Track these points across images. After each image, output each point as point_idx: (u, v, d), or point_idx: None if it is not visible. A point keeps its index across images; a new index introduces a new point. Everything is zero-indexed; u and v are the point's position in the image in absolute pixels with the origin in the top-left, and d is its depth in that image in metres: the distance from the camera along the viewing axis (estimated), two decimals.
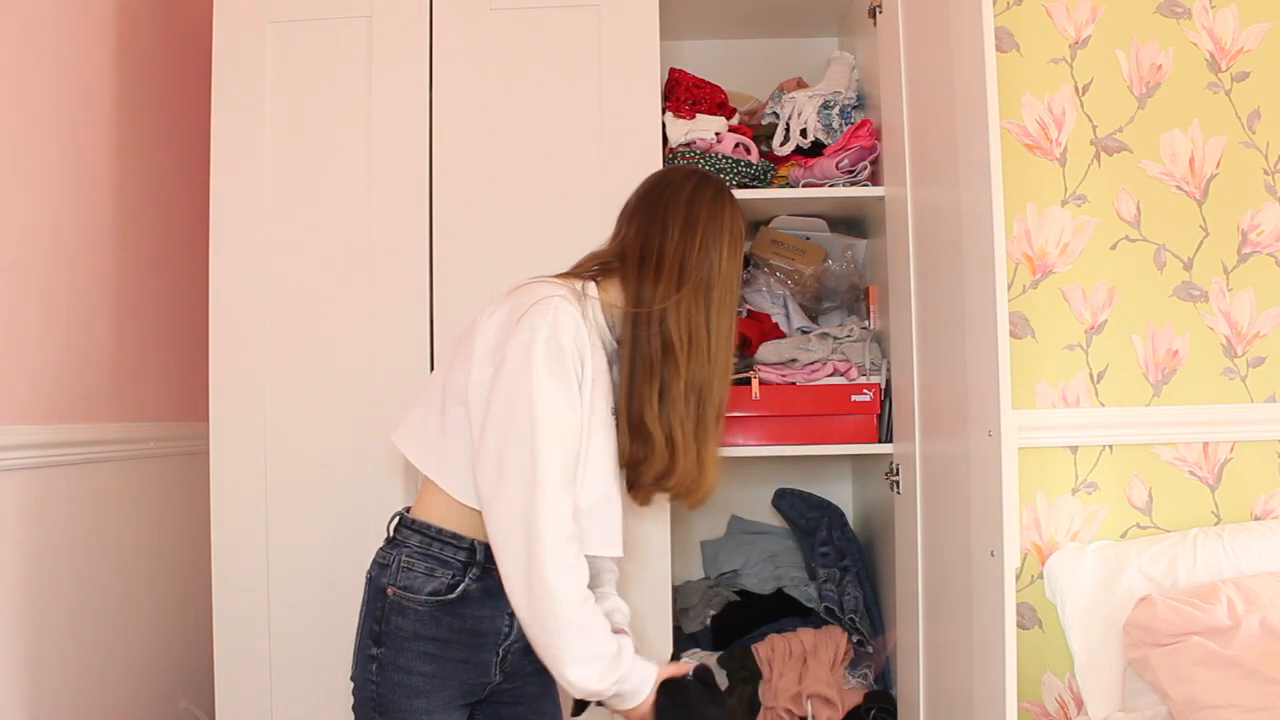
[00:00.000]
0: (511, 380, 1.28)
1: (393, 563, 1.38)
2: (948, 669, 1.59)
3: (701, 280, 1.39)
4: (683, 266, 1.39)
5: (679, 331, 1.37)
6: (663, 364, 1.37)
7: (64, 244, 1.82)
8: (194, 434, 2.10)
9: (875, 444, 1.95)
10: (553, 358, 1.29)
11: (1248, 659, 1.77)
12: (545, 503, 1.26)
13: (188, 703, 2.13)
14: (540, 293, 1.33)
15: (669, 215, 1.42)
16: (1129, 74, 2.18)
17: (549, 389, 1.28)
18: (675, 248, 1.40)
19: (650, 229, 1.42)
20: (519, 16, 1.87)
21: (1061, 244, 2.17)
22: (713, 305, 1.39)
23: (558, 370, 1.29)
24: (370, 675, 1.36)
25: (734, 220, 1.45)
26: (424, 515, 1.39)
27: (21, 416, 1.67)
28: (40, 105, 1.75)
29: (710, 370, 1.39)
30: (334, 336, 1.84)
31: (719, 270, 1.41)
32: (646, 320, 1.38)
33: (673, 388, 1.37)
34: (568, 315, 1.31)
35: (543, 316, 1.30)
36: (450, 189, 1.85)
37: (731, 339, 1.44)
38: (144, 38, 2.08)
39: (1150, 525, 2.15)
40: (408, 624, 1.35)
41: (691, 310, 1.38)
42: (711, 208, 1.43)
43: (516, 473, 1.27)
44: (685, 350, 1.37)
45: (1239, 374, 2.16)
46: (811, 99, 2.04)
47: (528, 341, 1.29)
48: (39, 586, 1.72)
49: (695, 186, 1.45)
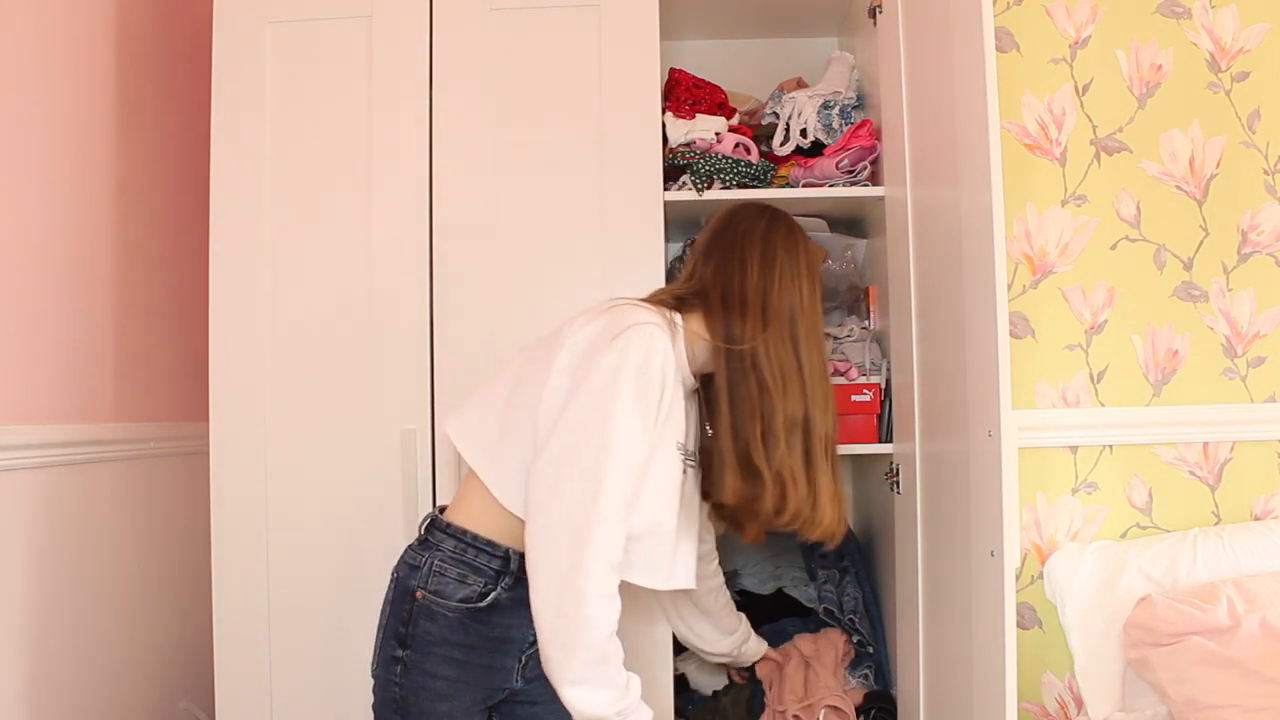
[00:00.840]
0: (593, 398, 1.28)
1: (424, 565, 1.36)
2: (948, 669, 1.59)
3: (785, 316, 1.41)
4: (765, 304, 1.41)
5: (770, 370, 1.38)
6: (760, 402, 1.38)
7: (64, 244, 1.82)
8: (194, 434, 2.10)
9: (875, 444, 1.94)
10: (640, 386, 1.29)
11: (1248, 659, 1.77)
12: (601, 528, 1.24)
13: (188, 703, 2.13)
14: (637, 317, 1.33)
15: (747, 253, 1.44)
16: (1129, 74, 2.18)
17: (629, 416, 1.28)
18: (756, 285, 1.41)
19: (729, 267, 1.44)
20: (519, 16, 1.87)
21: (1061, 244, 2.17)
22: (800, 340, 1.41)
23: (642, 400, 1.29)
24: (394, 676, 1.36)
25: (809, 255, 1.47)
26: (460, 519, 1.38)
27: (21, 416, 1.67)
28: (40, 105, 1.75)
29: (808, 403, 1.40)
30: (334, 336, 1.84)
31: (801, 305, 1.42)
32: (739, 359, 1.39)
33: (774, 425, 1.38)
34: (662, 345, 1.31)
35: (639, 341, 1.30)
36: (450, 189, 1.85)
37: (825, 371, 1.45)
38: (144, 38, 2.08)
39: (1150, 525, 2.15)
40: (436, 629, 1.34)
41: (779, 347, 1.39)
42: (787, 243, 1.46)
43: (576, 490, 1.26)
44: (780, 387, 1.38)
45: (1239, 374, 2.16)
46: (811, 99, 2.04)
47: (618, 364, 1.28)
48: (39, 586, 1.72)
49: (769, 223, 1.47)
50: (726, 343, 1.40)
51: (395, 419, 1.82)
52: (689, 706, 1.96)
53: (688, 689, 2.03)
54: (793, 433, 1.40)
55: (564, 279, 1.84)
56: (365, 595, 1.67)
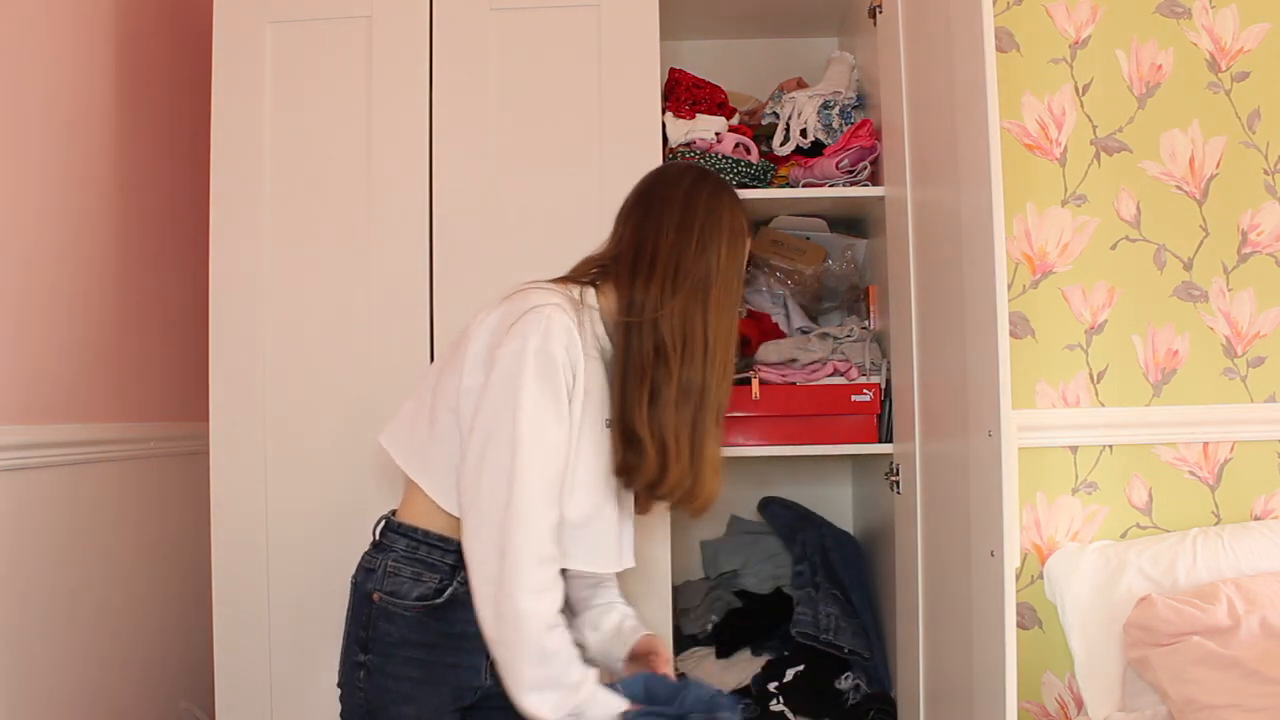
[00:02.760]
0: (499, 390, 1.25)
1: (378, 568, 1.35)
2: (948, 669, 1.59)
3: (699, 280, 1.34)
4: (678, 267, 1.34)
5: (672, 334, 1.32)
6: (654, 367, 1.32)
7: (64, 243, 1.82)
8: (194, 434, 2.09)
9: (875, 444, 1.95)
10: (543, 369, 1.25)
11: (1248, 659, 1.77)
12: (521, 521, 1.22)
13: (188, 703, 2.13)
14: (534, 300, 1.30)
15: (664, 214, 1.38)
16: (1129, 74, 2.18)
17: (536, 402, 1.25)
18: (671, 247, 1.35)
19: (645, 229, 1.38)
20: (519, 16, 1.87)
21: (1061, 244, 2.17)
22: (710, 306, 1.35)
23: (547, 383, 1.26)
24: (358, 683, 1.34)
25: (734, 217, 1.40)
26: (410, 518, 1.37)
27: (21, 416, 1.68)
28: (40, 105, 1.75)
29: (707, 372, 1.34)
30: (334, 336, 1.84)
31: (717, 269, 1.36)
32: (639, 326, 1.33)
33: (664, 391, 1.32)
34: (560, 325, 1.27)
35: (535, 325, 1.26)
36: (450, 189, 1.85)
37: (732, 339, 1.39)
38: (144, 38, 2.08)
39: (1150, 525, 2.15)
40: (395, 630, 1.32)
41: (687, 311, 1.33)
42: (710, 204, 1.39)
43: (494, 487, 1.24)
44: (678, 352, 1.32)
45: (1239, 374, 2.16)
46: (811, 99, 2.04)
47: (519, 351, 1.25)
48: (39, 586, 1.72)
49: (692, 182, 1.41)
50: (628, 313, 1.34)
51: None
52: None
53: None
54: (684, 401, 1.33)
55: None
56: None
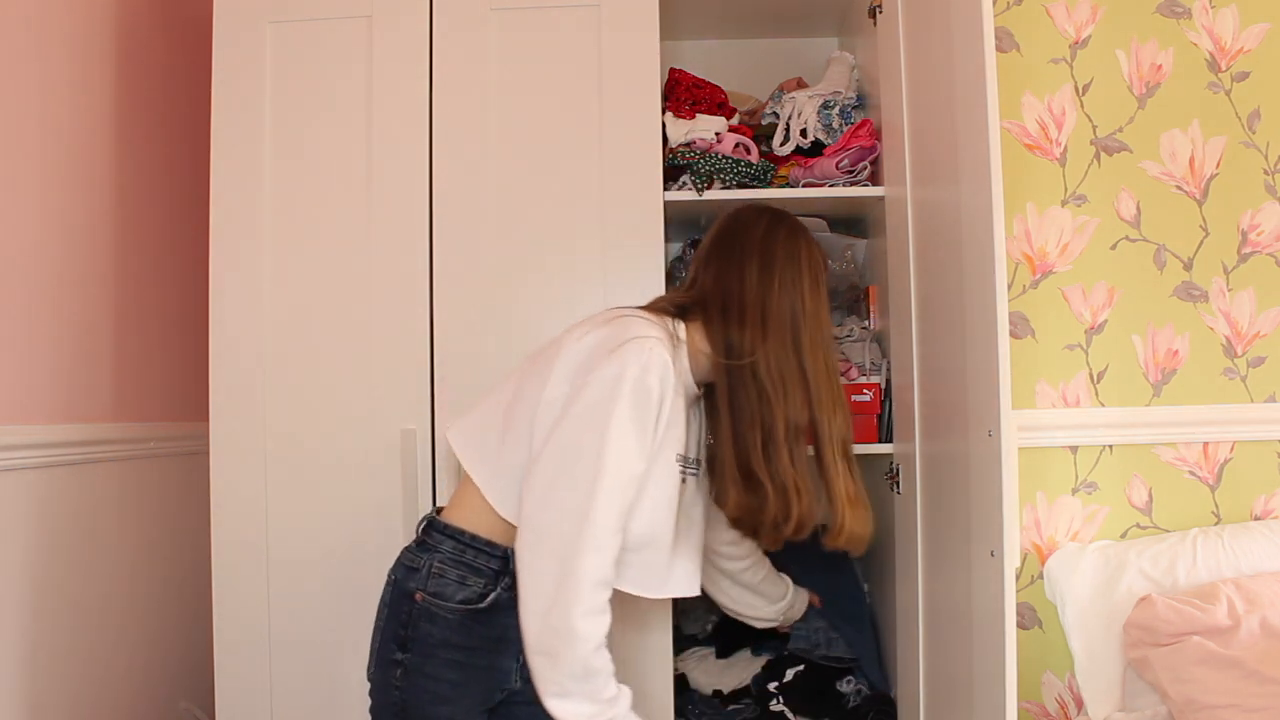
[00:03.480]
0: (590, 410, 1.27)
1: (423, 567, 1.36)
2: (948, 669, 1.59)
3: (787, 321, 1.38)
4: (764, 311, 1.38)
5: (770, 376, 1.36)
6: (760, 411, 1.36)
7: (64, 244, 1.82)
8: (194, 434, 2.10)
9: (875, 444, 1.94)
10: (638, 400, 1.28)
11: (1248, 659, 1.77)
12: (591, 545, 1.24)
13: (188, 703, 2.13)
14: (637, 330, 1.32)
15: (745, 259, 1.42)
16: (1129, 74, 2.18)
17: (625, 431, 1.27)
18: (755, 293, 1.39)
19: (727, 274, 1.42)
20: (519, 16, 1.87)
21: (1061, 244, 2.18)
22: (803, 346, 1.38)
23: (639, 414, 1.28)
24: (394, 680, 1.35)
25: (811, 254, 1.45)
26: (459, 520, 1.38)
27: (21, 416, 1.68)
28: (40, 105, 1.75)
29: (814, 409, 1.38)
30: (334, 336, 1.84)
31: (803, 309, 1.40)
32: (739, 370, 1.37)
33: (776, 433, 1.36)
34: (660, 359, 1.30)
35: (635, 355, 1.28)
36: (450, 189, 1.85)
37: (834, 373, 1.42)
38: (144, 38, 2.08)
39: (1150, 525, 2.15)
40: (437, 631, 1.33)
41: (780, 355, 1.37)
42: (787, 246, 1.43)
43: (567, 504, 1.25)
44: (781, 395, 1.36)
45: (1239, 374, 2.16)
46: (811, 99, 2.04)
47: (616, 378, 1.27)
48: (39, 586, 1.72)
49: (769, 226, 1.45)
50: (726, 356, 1.38)
51: (395, 419, 1.82)
52: (689, 707, 1.96)
53: (688, 689, 2.03)
54: (797, 440, 1.38)
55: (564, 279, 1.84)
56: (365, 595, 1.67)
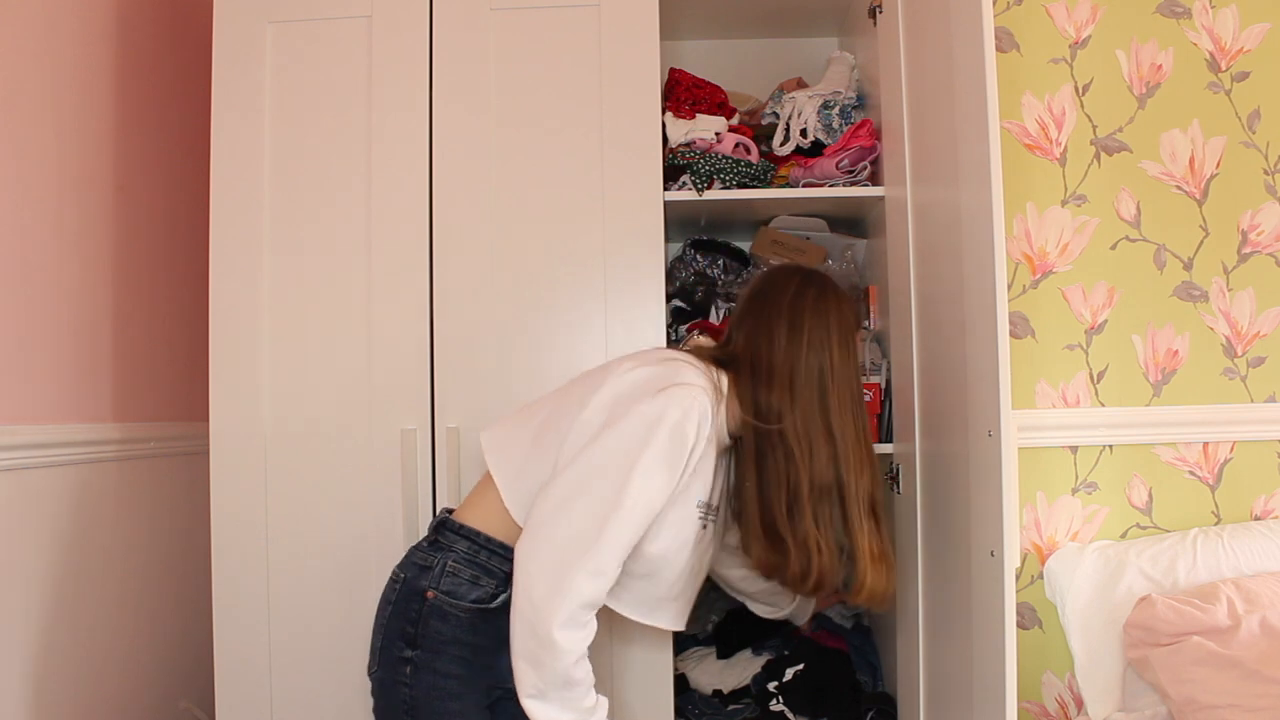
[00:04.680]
0: (623, 442, 1.31)
1: (435, 566, 1.38)
2: (948, 669, 1.59)
3: (814, 382, 1.41)
4: (792, 374, 1.41)
5: (797, 437, 1.39)
6: (787, 472, 1.39)
7: (64, 244, 1.82)
8: (194, 434, 2.10)
9: (875, 444, 1.94)
10: (674, 444, 1.31)
11: (1248, 659, 1.77)
12: (591, 567, 1.27)
13: (188, 703, 2.13)
14: (687, 376, 1.36)
15: (774, 321, 1.44)
16: (1129, 74, 2.18)
17: (654, 470, 1.30)
18: (784, 355, 1.42)
19: (758, 336, 1.45)
20: (519, 16, 1.87)
21: (1061, 244, 2.18)
22: (830, 407, 1.41)
23: (671, 457, 1.31)
24: (403, 677, 1.36)
25: (841, 314, 1.46)
26: (474, 521, 1.40)
27: (21, 416, 1.68)
28: (40, 105, 1.75)
29: (840, 468, 1.40)
30: (334, 336, 1.84)
31: (831, 370, 1.42)
32: (767, 431, 1.40)
33: (801, 494, 1.39)
34: (700, 410, 1.33)
35: (680, 400, 1.32)
36: (450, 189, 1.85)
37: (861, 432, 1.44)
38: (144, 38, 2.08)
39: (1150, 525, 2.15)
40: (447, 629, 1.36)
41: (807, 417, 1.40)
42: (816, 307, 1.45)
43: (580, 526, 1.28)
44: (807, 457, 1.39)
45: (1239, 374, 2.16)
46: (811, 99, 2.04)
47: (658, 417, 1.31)
48: (39, 586, 1.72)
49: (798, 288, 1.47)
50: (755, 418, 1.41)
51: (395, 419, 1.82)
52: (689, 707, 1.96)
53: (688, 689, 2.03)
54: (822, 500, 1.40)
55: (564, 279, 1.83)
56: (365, 594, 1.67)
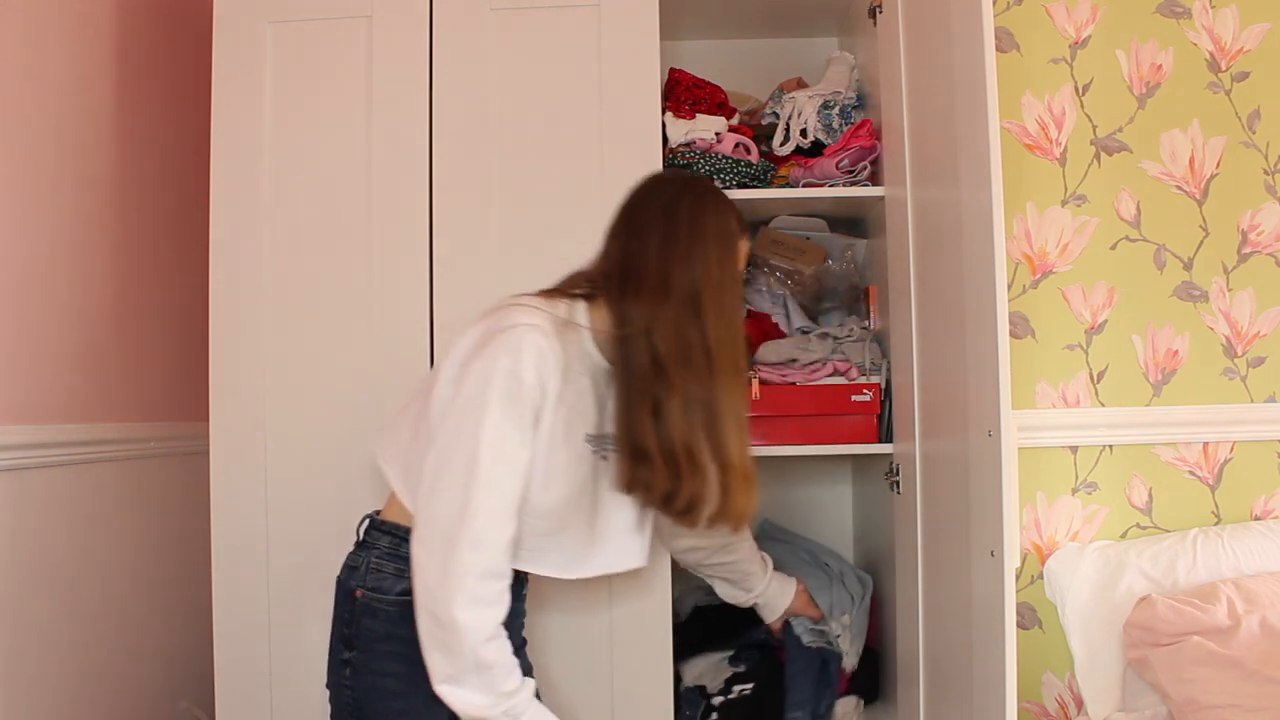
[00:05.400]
0: (464, 407, 1.27)
1: (361, 565, 1.38)
2: (948, 669, 1.59)
3: (689, 289, 1.32)
4: (666, 278, 1.33)
5: (668, 345, 1.31)
6: (655, 381, 1.31)
7: (64, 243, 1.82)
8: (194, 434, 2.09)
9: (875, 444, 1.94)
10: (508, 393, 1.26)
11: (1248, 659, 1.77)
12: (471, 537, 1.24)
13: (188, 703, 2.13)
14: (511, 319, 1.30)
15: (648, 227, 1.37)
16: (1129, 74, 2.18)
17: (499, 423, 1.26)
18: (656, 261, 1.34)
19: (629, 244, 1.38)
20: (519, 16, 1.87)
21: (1061, 244, 2.18)
22: (706, 315, 1.32)
23: (512, 405, 1.26)
24: (345, 680, 1.37)
25: (720, 221, 1.38)
26: (394, 517, 1.40)
27: (21, 416, 1.68)
28: (40, 105, 1.75)
29: (714, 381, 1.32)
30: (334, 336, 1.84)
31: (708, 278, 1.33)
32: (634, 340, 1.32)
33: (668, 405, 1.31)
34: (533, 346, 1.27)
35: (507, 346, 1.27)
36: (450, 189, 1.85)
37: (738, 346, 1.36)
38: (144, 38, 2.08)
39: (1150, 525, 2.15)
40: (378, 625, 1.35)
41: (680, 323, 1.31)
42: (693, 212, 1.37)
43: (447, 499, 1.26)
44: (678, 364, 1.31)
45: (1239, 374, 2.16)
46: (811, 99, 2.04)
47: (488, 372, 1.26)
48: (39, 586, 1.72)
49: (675, 192, 1.40)
50: (620, 327, 1.34)
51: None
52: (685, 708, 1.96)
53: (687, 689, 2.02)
54: (691, 412, 1.31)
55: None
56: None
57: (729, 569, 1.77)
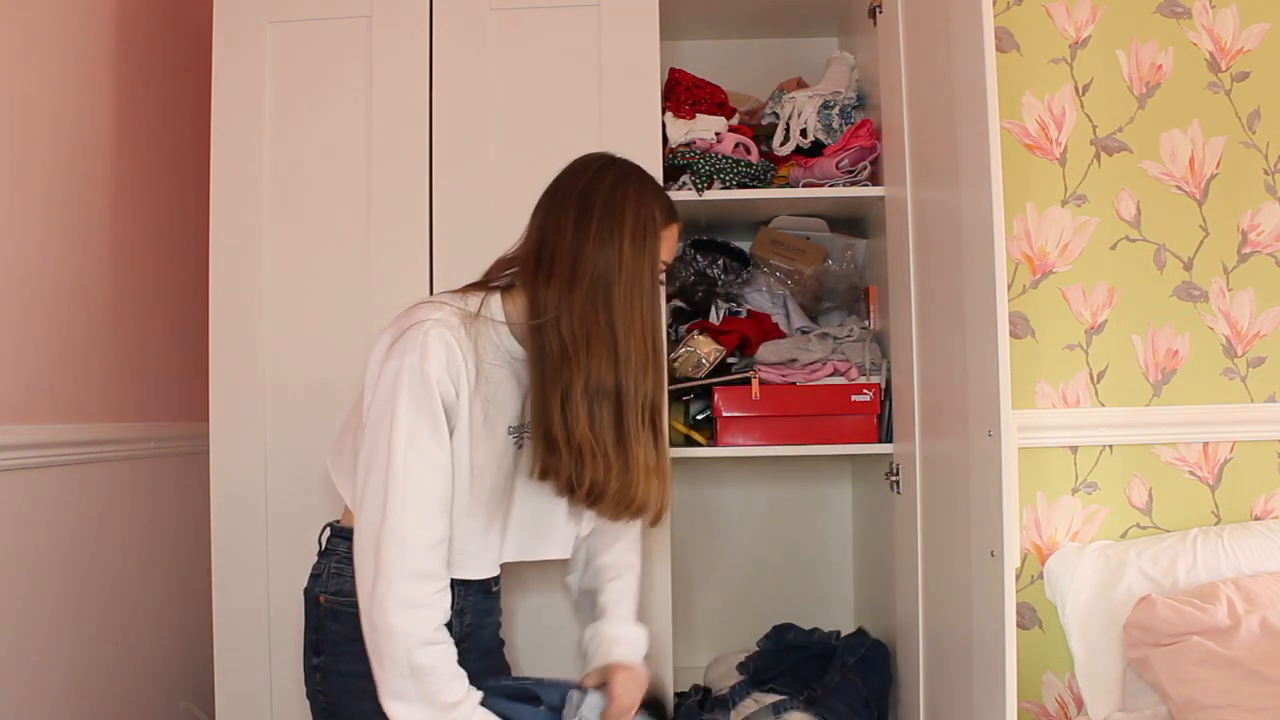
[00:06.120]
0: (379, 409, 1.26)
1: (324, 572, 1.39)
2: (948, 669, 1.59)
3: (599, 276, 1.29)
4: (576, 263, 1.30)
5: (573, 333, 1.29)
6: (562, 368, 1.29)
7: (64, 243, 1.82)
8: (194, 434, 2.09)
9: (875, 444, 1.95)
10: (416, 389, 1.25)
11: (1248, 659, 1.77)
12: (394, 539, 1.23)
13: (188, 703, 2.13)
14: (417, 316, 1.29)
15: (564, 209, 1.34)
16: (1129, 74, 2.18)
17: (410, 422, 1.25)
18: (569, 244, 1.31)
19: (545, 227, 1.35)
20: (519, 16, 1.87)
21: (1061, 244, 2.17)
22: (615, 301, 1.29)
23: (421, 402, 1.25)
24: (317, 685, 1.38)
25: (640, 206, 1.34)
26: (350, 522, 1.39)
27: (20, 416, 1.68)
28: (40, 105, 1.75)
29: (620, 371, 1.29)
30: (333, 337, 1.84)
31: (619, 264, 1.30)
32: (545, 329, 1.31)
33: (574, 393, 1.28)
34: (438, 342, 1.26)
35: (412, 344, 1.26)
36: (450, 189, 1.85)
37: (650, 335, 1.32)
38: (144, 38, 2.08)
39: (1150, 525, 2.15)
40: (343, 628, 1.34)
41: (586, 310, 1.29)
42: (610, 195, 1.33)
43: (371, 503, 1.25)
44: (583, 352, 1.28)
45: (1239, 374, 2.16)
46: (811, 99, 2.04)
47: (396, 370, 1.25)
48: (39, 587, 1.72)
49: (594, 174, 1.36)
50: (533, 316, 1.32)
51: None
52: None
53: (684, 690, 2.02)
54: (597, 401, 1.28)
55: None
56: None
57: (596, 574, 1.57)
